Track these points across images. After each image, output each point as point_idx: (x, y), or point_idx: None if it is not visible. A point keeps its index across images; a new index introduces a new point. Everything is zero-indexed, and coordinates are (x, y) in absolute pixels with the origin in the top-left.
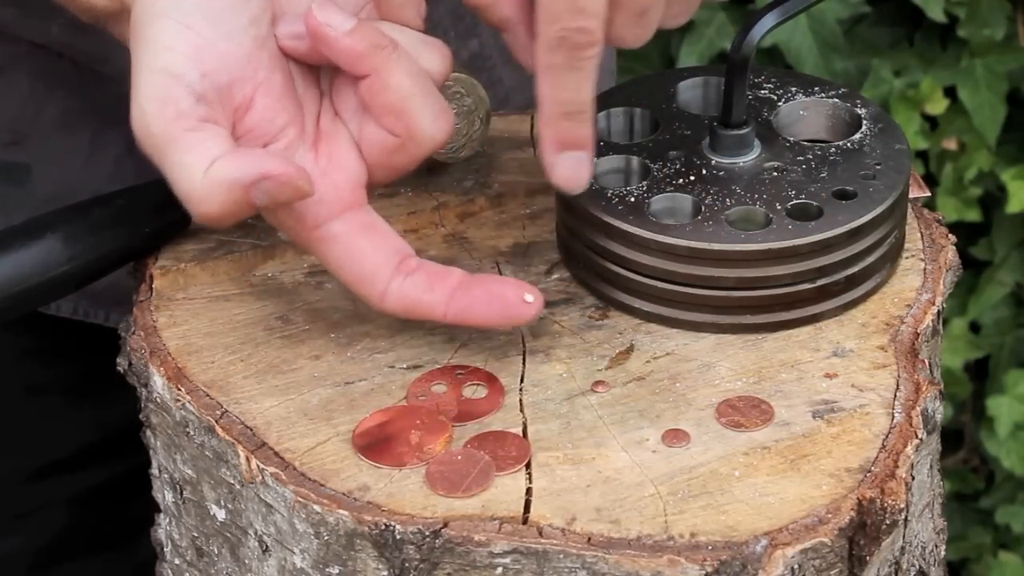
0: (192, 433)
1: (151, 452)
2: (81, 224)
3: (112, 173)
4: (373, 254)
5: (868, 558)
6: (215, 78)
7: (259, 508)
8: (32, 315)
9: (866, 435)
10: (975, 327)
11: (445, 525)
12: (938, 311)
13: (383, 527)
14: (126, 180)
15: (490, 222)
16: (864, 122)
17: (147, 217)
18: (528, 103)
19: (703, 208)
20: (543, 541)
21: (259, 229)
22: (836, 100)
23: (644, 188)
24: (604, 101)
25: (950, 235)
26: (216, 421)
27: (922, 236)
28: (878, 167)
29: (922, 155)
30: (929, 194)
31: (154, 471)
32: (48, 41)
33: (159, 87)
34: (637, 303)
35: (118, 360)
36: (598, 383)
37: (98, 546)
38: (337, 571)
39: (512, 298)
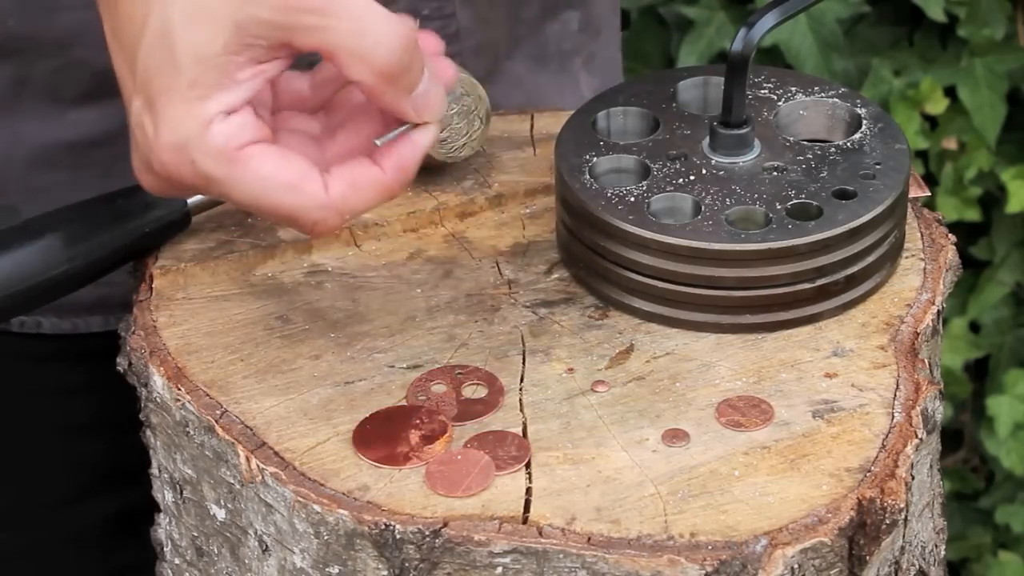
0: (192, 433)
1: (151, 452)
2: (81, 224)
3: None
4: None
5: (868, 558)
6: None
7: (259, 508)
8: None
9: (866, 435)
10: (975, 327)
11: (445, 525)
12: (938, 311)
13: (383, 527)
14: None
15: (490, 222)
16: (864, 122)
17: (147, 217)
18: (486, 56)
19: (703, 208)
20: (543, 541)
21: (258, 229)
22: (836, 100)
23: (644, 188)
24: (604, 101)
25: (950, 235)
26: (216, 421)
27: (922, 236)
28: (878, 167)
29: (922, 155)
30: (929, 194)
31: (154, 471)
32: (4, 36)
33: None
34: (637, 303)
35: (118, 360)
36: (598, 383)
37: None
38: (337, 571)
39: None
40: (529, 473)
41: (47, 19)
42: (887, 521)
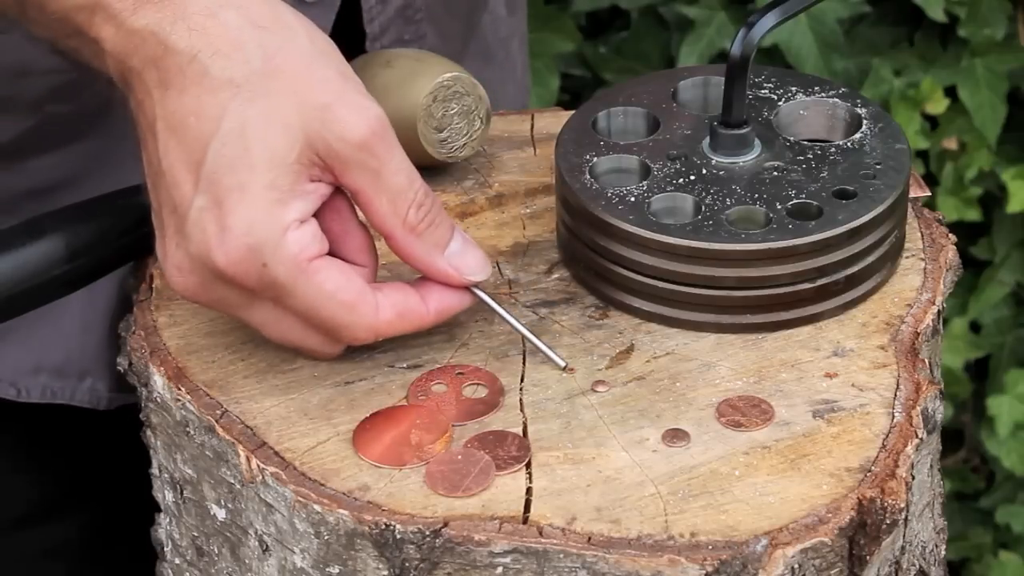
0: (192, 433)
1: (151, 452)
2: (81, 224)
3: None
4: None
5: (868, 558)
6: None
7: (259, 508)
8: None
9: (866, 435)
10: (975, 327)
11: (445, 525)
12: (938, 311)
13: (383, 527)
14: None
15: (490, 222)
16: (864, 122)
17: (147, 217)
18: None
19: (703, 208)
20: (543, 541)
21: None
22: (836, 100)
23: (644, 188)
24: (604, 101)
25: (950, 235)
26: (216, 421)
27: (922, 236)
28: (878, 167)
29: (922, 155)
30: (929, 194)
31: (154, 471)
32: None
33: None
34: (637, 303)
35: (118, 360)
36: (598, 383)
37: None
38: (337, 571)
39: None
40: (529, 473)
41: (18, 85)
42: (887, 521)
